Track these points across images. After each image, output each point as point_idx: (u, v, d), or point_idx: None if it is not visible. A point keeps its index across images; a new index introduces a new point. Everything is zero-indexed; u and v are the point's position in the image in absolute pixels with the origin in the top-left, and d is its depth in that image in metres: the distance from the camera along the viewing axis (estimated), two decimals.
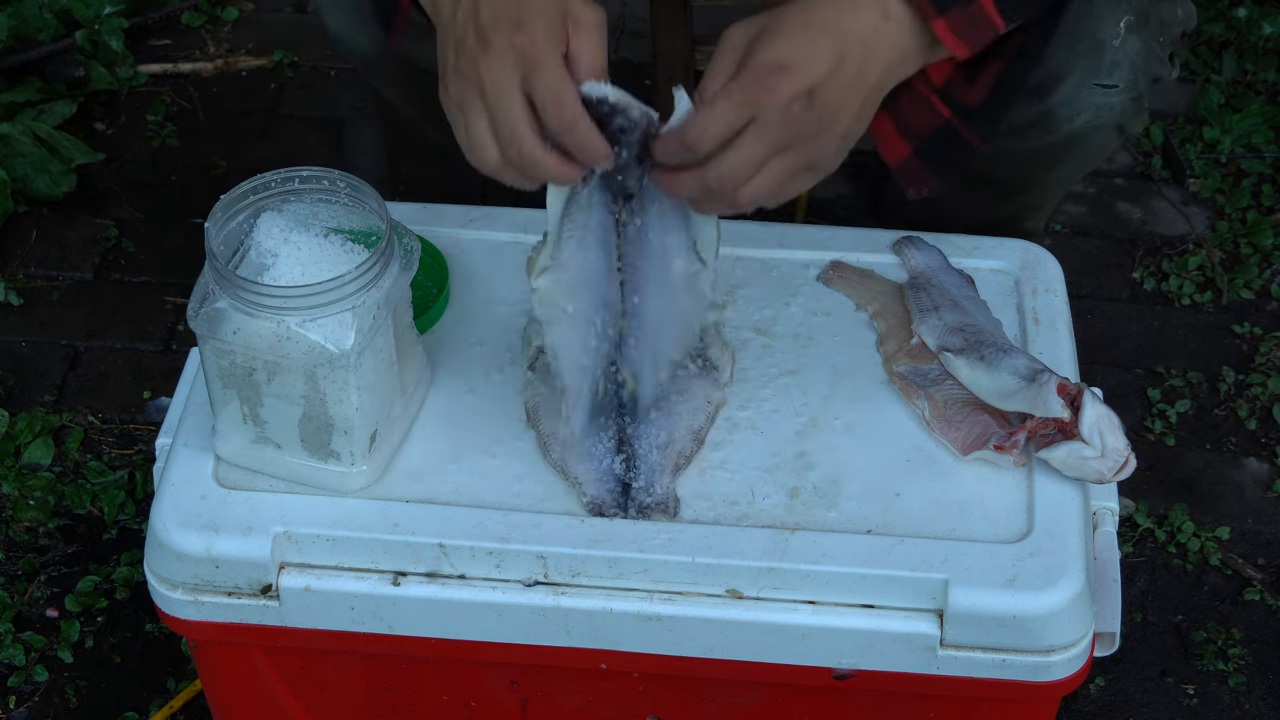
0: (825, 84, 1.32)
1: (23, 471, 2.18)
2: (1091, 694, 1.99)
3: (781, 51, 1.30)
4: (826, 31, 1.32)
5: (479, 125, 1.36)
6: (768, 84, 1.30)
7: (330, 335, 1.40)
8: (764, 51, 1.31)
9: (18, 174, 2.47)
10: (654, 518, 1.47)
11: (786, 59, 1.30)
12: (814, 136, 1.33)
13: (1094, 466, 1.47)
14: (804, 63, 1.31)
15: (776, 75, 1.30)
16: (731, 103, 1.31)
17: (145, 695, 1.99)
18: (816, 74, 1.31)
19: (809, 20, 1.32)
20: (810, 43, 1.31)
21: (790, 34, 1.31)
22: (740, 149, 1.32)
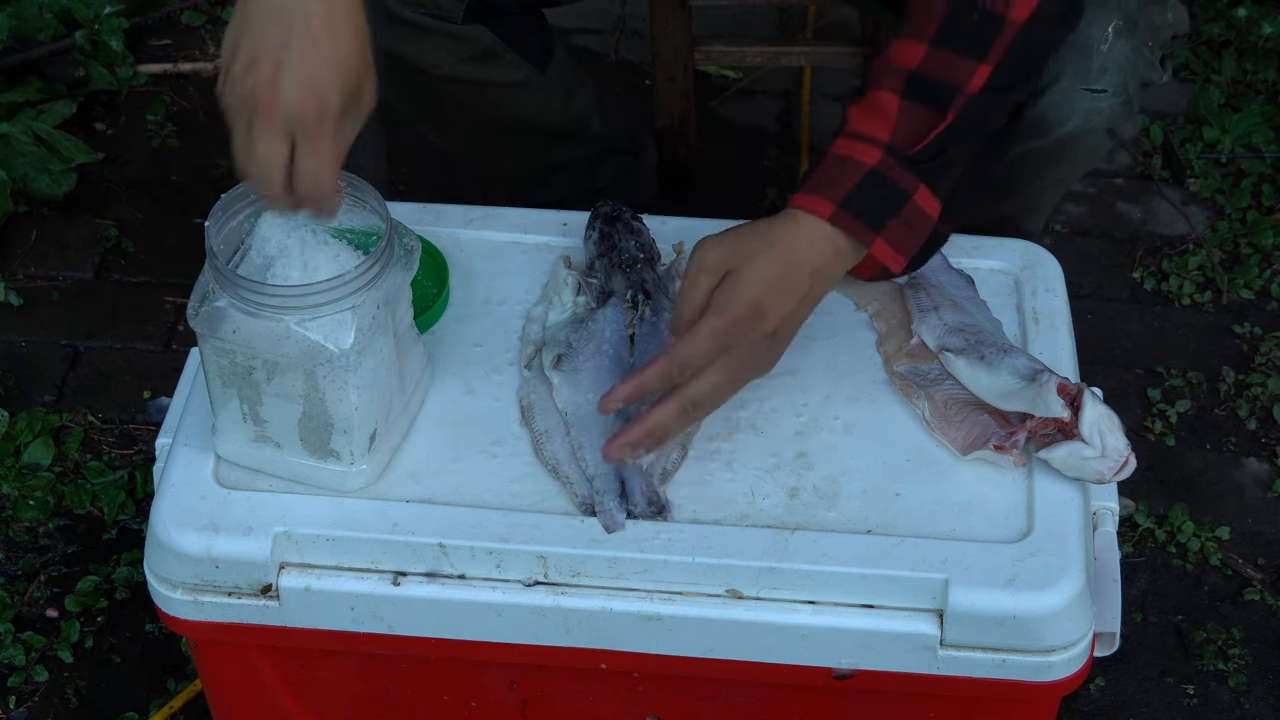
0: (787, 321, 1.47)
1: (23, 471, 2.18)
2: (1091, 694, 1.99)
3: (759, 297, 1.44)
4: (794, 274, 1.45)
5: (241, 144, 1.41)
6: (745, 327, 1.44)
7: (330, 335, 1.40)
8: (742, 294, 1.43)
9: (18, 174, 2.47)
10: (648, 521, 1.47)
11: (763, 304, 1.44)
12: (764, 360, 1.48)
13: (1094, 466, 1.47)
14: (776, 308, 1.45)
15: (754, 320, 1.44)
16: (715, 343, 1.43)
17: (145, 695, 1.99)
18: (783, 314, 1.46)
19: (779, 260, 1.45)
20: (783, 288, 1.45)
21: (766, 278, 1.44)
22: (709, 375, 1.44)
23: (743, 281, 1.43)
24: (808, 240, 1.46)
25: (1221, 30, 2.69)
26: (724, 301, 1.43)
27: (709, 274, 1.45)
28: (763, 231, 1.46)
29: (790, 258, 1.45)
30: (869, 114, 1.48)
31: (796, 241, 1.46)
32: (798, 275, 1.45)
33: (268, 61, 1.39)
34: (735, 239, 1.46)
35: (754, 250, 1.44)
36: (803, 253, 1.46)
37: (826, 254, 1.46)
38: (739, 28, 2.72)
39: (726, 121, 2.65)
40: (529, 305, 1.64)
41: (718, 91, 2.70)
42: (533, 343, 1.60)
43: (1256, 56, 2.66)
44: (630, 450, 1.46)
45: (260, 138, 1.39)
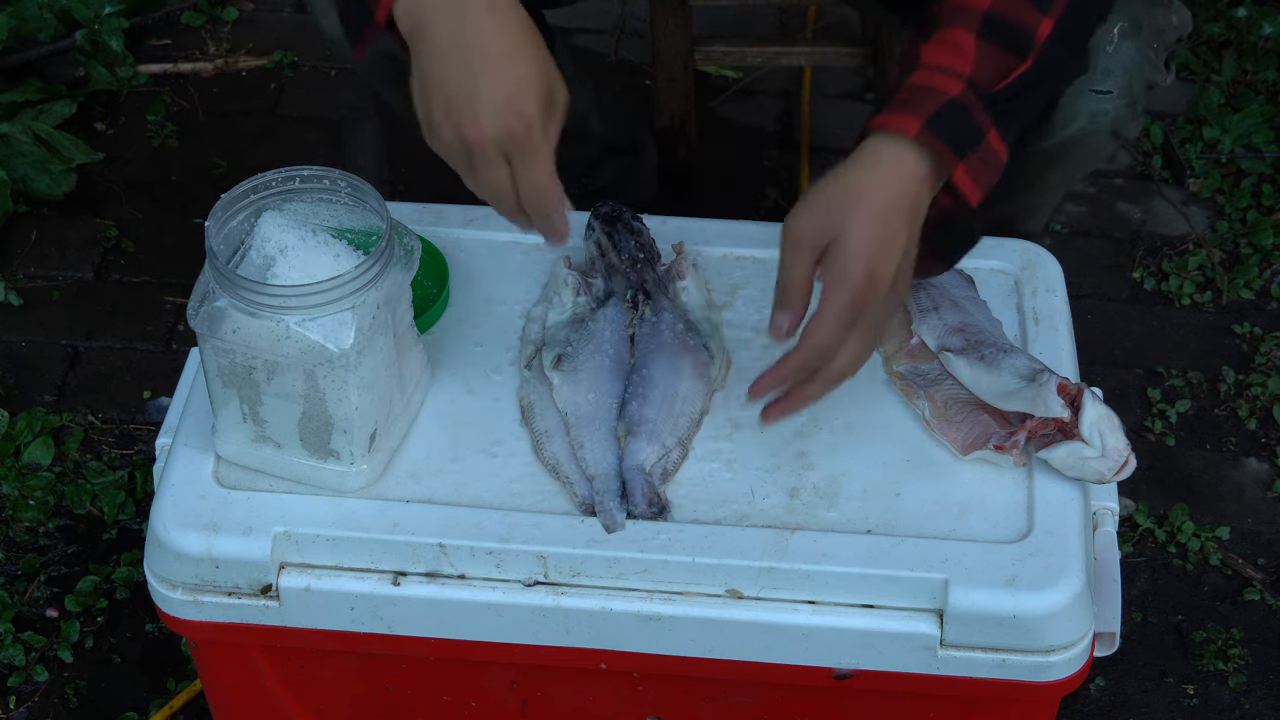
0: (901, 269, 1.43)
1: (23, 471, 2.18)
2: (1091, 694, 1.99)
3: (869, 264, 1.41)
4: (892, 223, 1.42)
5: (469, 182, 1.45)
6: (865, 297, 1.41)
7: (330, 335, 1.40)
8: (852, 266, 1.41)
9: (18, 174, 2.47)
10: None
11: (875, 270, 1.41)
12: (892, 310, 1.46)
13: (1094, 466, 1.47)
14: (887, 266, 1.42)
15: (872, 288, 1.41)
16: (843, 323, 1.42)
17: (145, 695, 1.99)
18: (895, 267, 1.42)
19: (875, 215, 1.41)
20: (887, 243, 1.41)
21: (869, 240, 1.41)
22: (849, 347, 1.43)
23: (848, 253, 1.41)
24: (894, 177, 1.43)
25: (1221, 30, 2.69)
26: (836, 279, 1.41)
27: (807, 249, 1.43)
28: (847, 186, 1.43)
29: (884, 207, 1.42)
30: (946, 49, 1.45)
31: (885, 184, 1.42)
32: (896, 222, 1.42)
33: (461, 101, 1.41)
34: (823, 205, 1.42)
35: (847, 213, 1.41)
36: (893, 194, 1.42)
37: (914, 185, 1.43)
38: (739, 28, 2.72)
39: (726, 121, 2.65)
40: (529, 305, 1.64)
41: (718, 91, 2.70)
42: (533, 343, 1.60)
43: (1256, 56, 2.66)
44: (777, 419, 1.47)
45: (481, 171, 1.43)
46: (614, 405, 1.52)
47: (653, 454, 1.50)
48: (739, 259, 1.69)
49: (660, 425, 1.52)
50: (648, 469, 1.49)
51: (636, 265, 1.61)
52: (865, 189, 1.42)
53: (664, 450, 1.51)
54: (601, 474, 1.49)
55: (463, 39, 1.41)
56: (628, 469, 1.49)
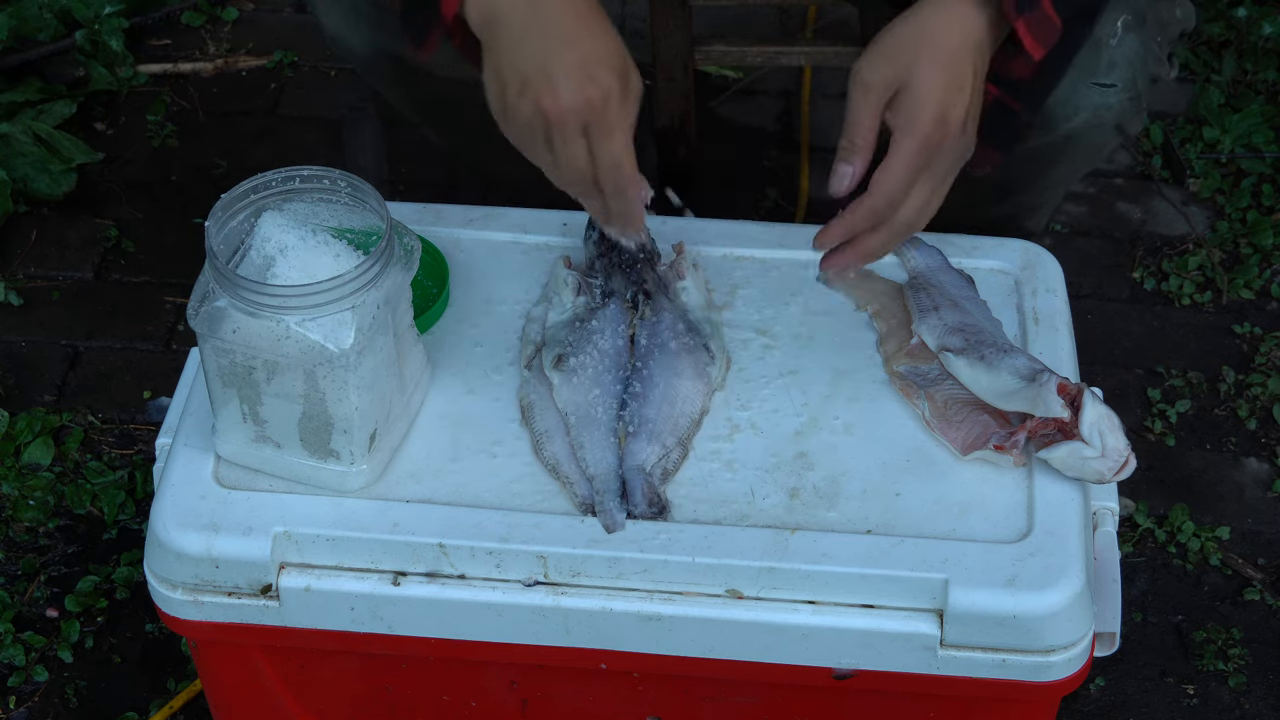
0: (969, 112, 1.44)
1: (23, 471, 2.18)
2: (1091, 694, 1.99)
3: (938, 107, 1.41)
4: (959, 66, 1.42)
5: (546, 163, 1.45)
6: (935, 141, 1.42)
7: (330, 335, 1.40)
8: (920, 111, 1.41)
9: (18, 174, 2.47)
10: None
11: (944, 112, 1.41)
12: (962, 155, 1.46)
13: (1094, 466, 1.47)
14: (957, 109, 1.42)
15: (942, 131, 1.42)
16: (913, 168, 1.42)
17: (145, 695, 1.99)
18: (964, 110, 1.43)
19: (942, 59, 1.42)
20: (955, 86, 1.42)
21: (937, 85, 1.41)
22: (916, 195, 1.44)
23: (917, 97, 1.41)
24: (960, 21, 1.43)
25: (1221, 30, 2.69)
26: (906, 124, 1.42)
27: (875, 92, 1.43)
28: (914, 31, 1.43)
29: (950, 50, 1.42)
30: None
31: (950, 28, 1.43)
32: (963, 65, 1.42)
33: (538, 76, 1.41)
34: (890, 51, 1.43)
35: (913, 59, 1.42)
36: (958, 38, 1.42)
37: (980, 28, 1.43)
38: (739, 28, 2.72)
39: (726, 121, 2.65)
40: (529, 305, 1.64)
41: (718, 91, 2.70)
42: (533, 343, 1.60)
43: (1256, 56, 2.66)
44: (838, 273, 1.48)
45: (561, 146, 1.42)
46: (614, 405, 1.52)
47: (653, 454, 1.50)
48: (739, 259, 1.69)
49: (660, 425, 1.52)
50: (648, 469, 1.49)
51: (636, 265, 1.60)
52: (932, 33, 1.42)
53: (664, 450, 1.51)
54: (601, 474, 1.49)
55: (536, 21, 1.42)
56: (628, 469, 1.49)
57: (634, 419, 1.52)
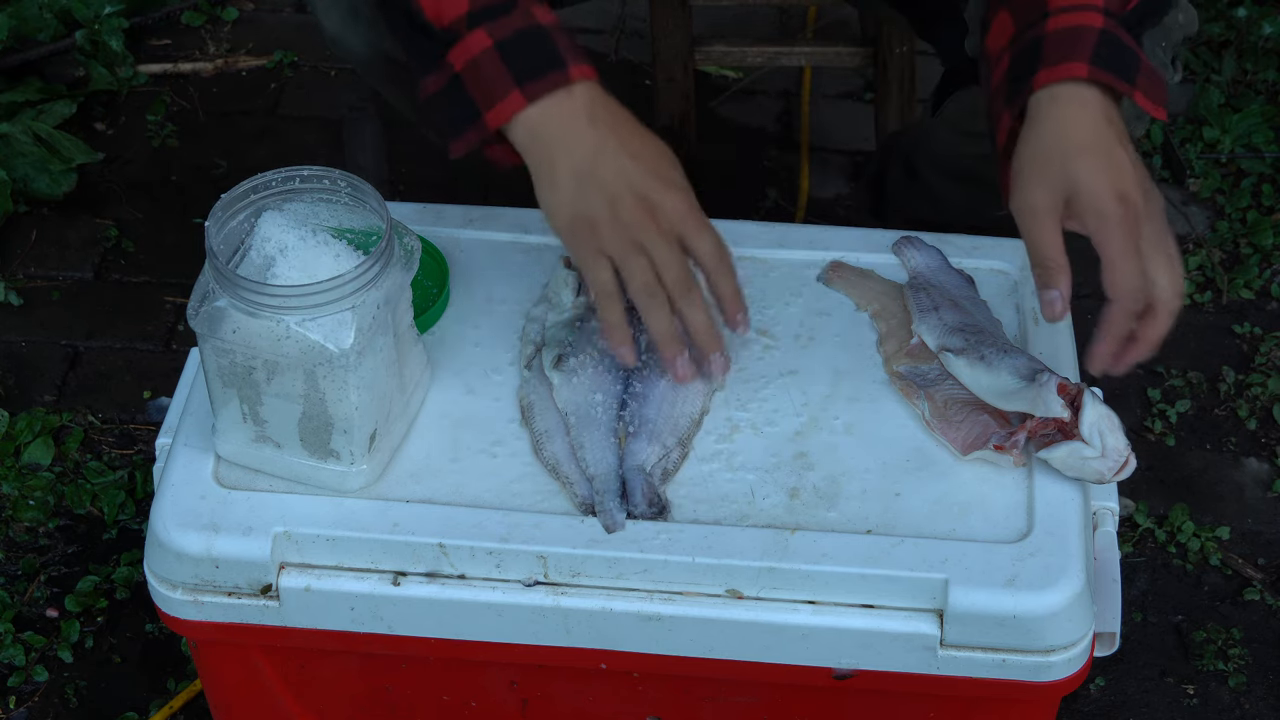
0: (1141, 178, 1.43)
1: (23, 471, 2.18)
2: (1091, 694, 1.99)
3: (1112, 188, 1.42)
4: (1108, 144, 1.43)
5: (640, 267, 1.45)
6: (1129, 219, 1.41)
7: (330, 335, 1.40)
8: (1101, 201, 1.41)
9: (18, 174, 2.47)
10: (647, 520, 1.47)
11: (1121, 190, 1.42)
12: (1160, 210, 1.46)
13: (1094, 466, 1.47)
14: (1129, 183, 1.42)
15: (1127, 206, 1.42)
16: (1127, 255, 1.42)
17: (145, 695, 1.99)
18: (1134, 178, 1.43)
19: (1090, 148, 1.42)
20: (1117, 164, 1.42)
21: (1098, 172, 1.42)
22: (1154, 268, 1.44)
23: (1088, 194, 1.41)
24: (1084, 110, 1.43)
25: (1221, 30, 2.69)
26: (1096, 222, 1.42)
27: (1045, 214, 1.43)
28: (1047, 143, 1.43)
29: (1089, 138, 1.42)
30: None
31: (1081, 120, 1.42)
32: (1109, 144, 1.42)
33: (624, 193, 1.44)
34: (1039, 169, 1.43)
35: (1062, 164, 1.42)
36: (1089, 125, 1.42)
37: (1104, 105, 1.43)
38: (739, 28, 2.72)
39: (726, 121, 2.66)
40: (529, 305, 1.64)
41: (718, 91, 2.70)
42: (533, 343, 1.60)
43: (1256, 56, 2.66)
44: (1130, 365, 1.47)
45: (659, 255, 1.45)
46: (614, 405, 1.52)
47: (653, 454, 1.50)
48: (739, 259, 1.68)
49: (660, 425, 1.52)
50: (648, 469, 1.49)
51: None
52: (1064, 134, 1.42)
53: (664, 450, 1.51)
54: (601, 474, 1.49)
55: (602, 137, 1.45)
56: (628, 469, 1.49)
57: (634, 419, 1.52)
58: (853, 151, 2.60)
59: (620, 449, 1.50)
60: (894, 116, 2.34)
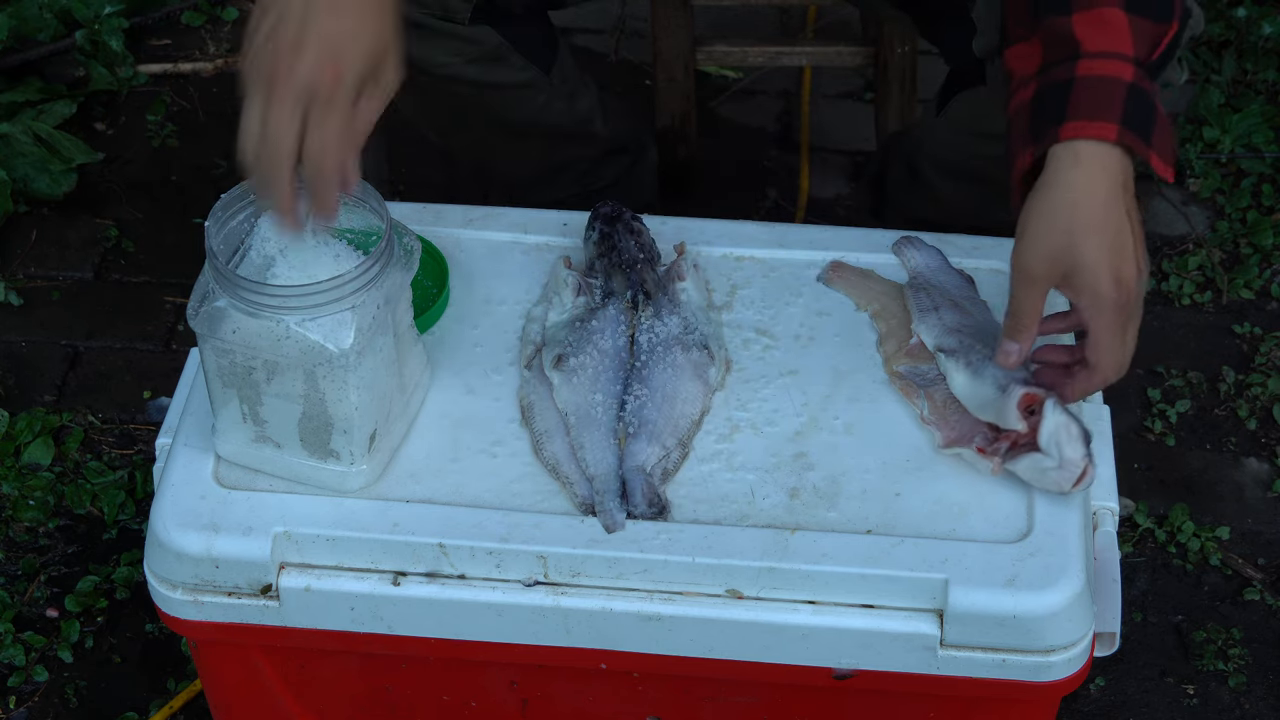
0: (1139, 258, 1.45)
1: (23, 471, 2.18)
2: (1091, 694, 1.99)
3: (1111, 271, 1.43)
4: (1116, 226, 1.43)
5: (253, 116, 1.38)
6: (1122, 302, 1.43)
7: (330, 335, 1.40)
8: (1099, 283, 1.43)
9: (18, 174, 2.47)
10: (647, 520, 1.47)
11: (1118, 275, 1.43)
12: (1143, 294, 1.47)
13: (1053, 477, 1.46)
14: (1127, 265, 1.43)
15: (1122, 291, 1.43)
16: (1115, 333, 1.44)
17: (145, 695, 1.99)
18: (1133, 261, 1.44)
19: (1098, 228, 1.43)
20: (1118, 246, 1.43)
21: (1104, 253, 1.43)
22: (1125, 349, 1.46)
23: (1088, 275, 1.43)
24: (1104, 182, 1.43)
25: (1221, 30, 2.69)
26: (1091, 302, 1.44)
27: (1040, 283, 1.45)
28: (1059, 208, 1.43)
29: (1099, 211, 1.43)
30: (1103, 30, 1.46)
31: (1097, 193, 1.43)
32: (1117, 219, 1.43)
33: (290, 28, 1.37)
34: (1047, 235, 1.44)
35: (1069, 239, 1.43)
36: (1103, 192, 1.43)
37: (1120, 167, 1.44)
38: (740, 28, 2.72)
39: (726, 121, 2.65)
40: (529, 305, 1.64)
41: (718, 91, 2.70)
42: (533, 343, 1.60)
43: (1256, 56, 2.66)
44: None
45: (273, 108, 1.37)
46: (614, 405, 1.52)
47: (653, 454, 1.50)
48: (739, 259, 1.69)
49: (660, 425, 1.52)
50: (648, 469, 1.49)
51: (636, 265, 1.60)
52: (1076, 201, 1.43)
53: (664, 450, 1.51)
54: (601, 474, 1.49)
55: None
56: (628, 469, 1.49)
57: (634, 419, 1.52)
58: (853, 151, 2.60)
59: (620, 449, 1.51)
60: (894, 116, 2.34)
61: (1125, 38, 1.45)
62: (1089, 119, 1.43)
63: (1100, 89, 1.44)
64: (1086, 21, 1.46)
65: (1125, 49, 1.45)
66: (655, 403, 1.52)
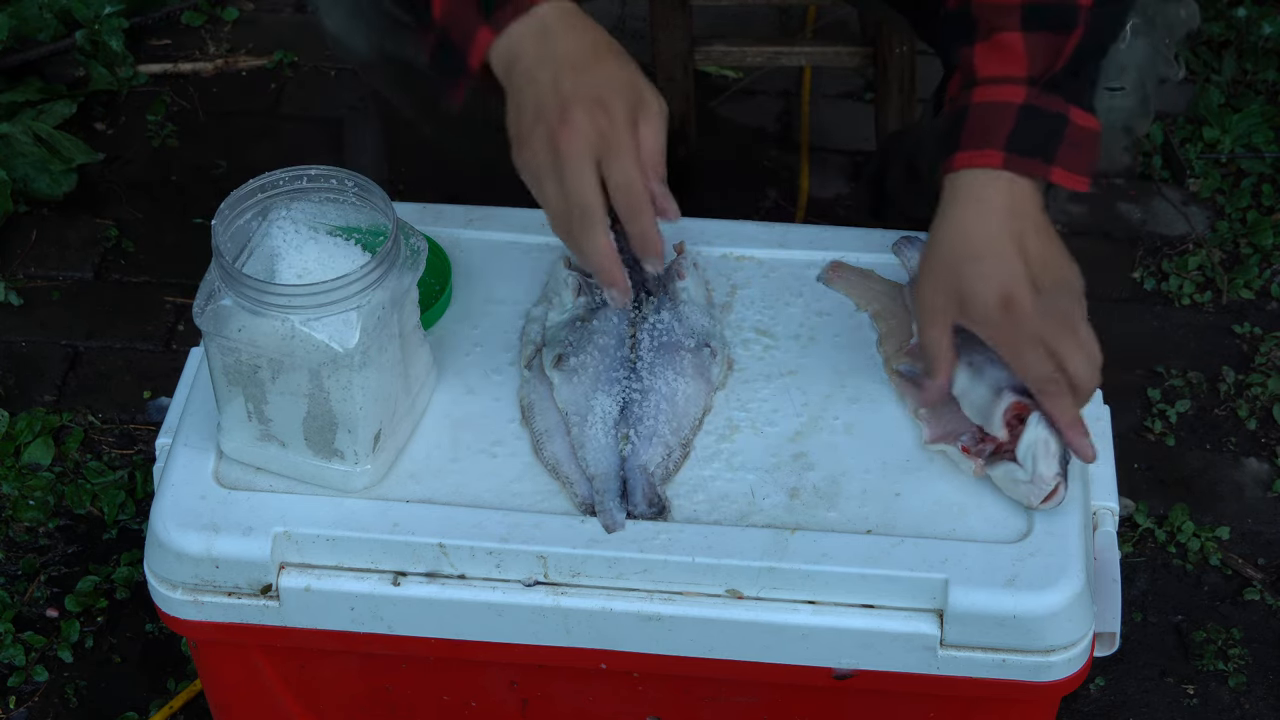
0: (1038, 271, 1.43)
1: (23, 471, 2.18)
2: (1091, 694, 1.99)
3: (998, 295, 1.42)
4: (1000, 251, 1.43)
5: (551, 191, 1.44)
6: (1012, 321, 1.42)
7: (335, 334, 1.40)
8: (987, 308, 1.42)
9: (18, 174, 2.47)
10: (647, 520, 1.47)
11: (1006, 294, 1.42)
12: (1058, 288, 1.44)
13: (1024, 490, 1.46)
14: (1018, 283, 1.42)
15: (1010, 308, 1.42)
16: (1018, 351, 1.43)
17: (145, 695, 1.99)
18: (1023, 277, 1.42)
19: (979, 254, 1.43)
20: (1007, 271, 1.42)
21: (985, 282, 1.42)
22: (1064, 351, 1.43)
23: (976, 304, 1.43)
24: (991, 213, 1.44)
25: (1221, 30, 2.69)
26: (984, 327, 1.44)
27: (941, 313, 1.46)
28: (949, 242, 1.45)
29: (984, 243, 1.43)
30: (997, 55, 1.47)
31: (985, 224, 1.44)
32: (1003, 247, 1.43)
33: (551, 101, 1.42)
34: (941, 270, 1.45)
35: (957, 273, 1.44)
36: (994, 228, 1.44)
37: (1007, 206, 1.44)
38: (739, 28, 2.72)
39: (726, 121, 2.65)
40: (529, 305, 1.64)
41: (718, 91, 2.70)
42: (533, 343, 1.60)
43: (1256, 56, 2.66)
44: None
45: (568, 174, 1.42)
46: (614, 405, 1.52)
47: (653, 454, 1.50)
48: (739, 259, 1.69)
49: (661, 425, 1.52)
50: (649, 469, 1.49)
51: (637, 265, 1.60)
52: (963, 236, 1.44)
53: (665, 450, 1.51)
54: (601, 474, 1.49)
55: (549, 53, 1.44)
56: (629, 469, 1.49)
57: (634, 419, 1.52)
58: (853, 151, 2.60)
59: (620, 449, 1.51)
60: (894, 116, 2.34)
61: (1019, 60, 1.46)
62: (976, 148, 1.45)
63: (987, 114, 1.45)
64: (983, 50, 1.48)
65: (1018, 71, 1.46)
66: (657, 402, 1.52)
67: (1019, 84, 1.46)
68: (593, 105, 1.41)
